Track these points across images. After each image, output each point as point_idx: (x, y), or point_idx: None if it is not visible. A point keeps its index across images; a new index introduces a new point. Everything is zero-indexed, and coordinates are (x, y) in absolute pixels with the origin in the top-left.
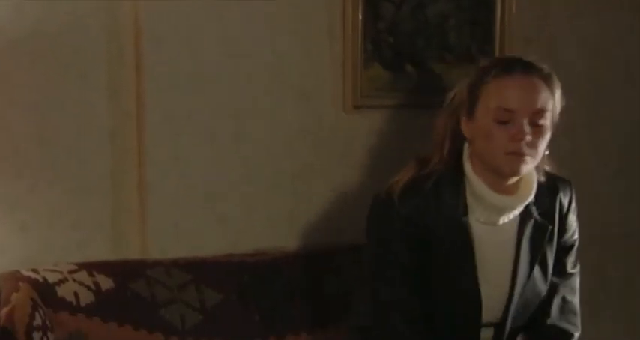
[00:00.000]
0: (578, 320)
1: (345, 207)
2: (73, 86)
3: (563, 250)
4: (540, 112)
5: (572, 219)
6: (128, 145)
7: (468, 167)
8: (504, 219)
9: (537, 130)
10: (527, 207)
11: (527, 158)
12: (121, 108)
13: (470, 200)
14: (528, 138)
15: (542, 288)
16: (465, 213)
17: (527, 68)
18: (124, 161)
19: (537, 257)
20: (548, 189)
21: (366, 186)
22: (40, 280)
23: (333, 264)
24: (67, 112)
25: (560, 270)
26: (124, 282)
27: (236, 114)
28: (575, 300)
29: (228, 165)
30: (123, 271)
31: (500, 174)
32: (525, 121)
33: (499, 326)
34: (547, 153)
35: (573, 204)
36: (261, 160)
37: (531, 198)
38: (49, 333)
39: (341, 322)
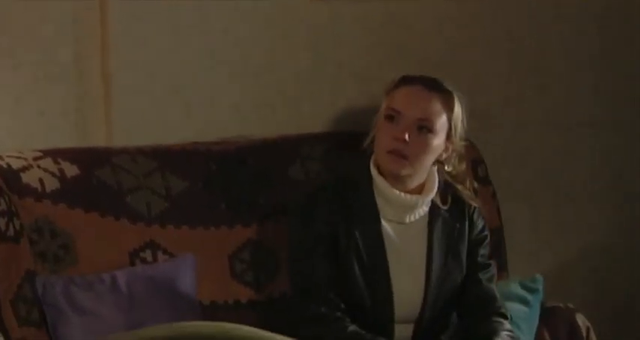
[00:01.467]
0: (499, 304)
1: (311, 96)
2: None
3: (475, 244)
4: (426, 121)
5: (479, 220)
6: (91, 33)
7: (373, 169)
8: (411, 218)
9: (421, 138)
10: (435, 208)
11: (404, 161)
12: None
13: (378, 200)
14: (407, 138)
15: (458, 282)
16: (376, 212)
17: (427, 83)
18: (87, 48)
19: (449, 251)
20: (456, 200)
21: (332, 74)
22: (4, 166)
23: (298, 153)
24: None
25: (475, 262)
26: (89, 169)
27: (200, 3)
28: (493, 286)
29: (193, 53)
30: (88, 158)
31: (386, 173)
32: (411, 126)
33: (418, 322)
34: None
35: (477, 210)
36: (226, 48)
37: (432, 195)
38: (14, 219)
39: None
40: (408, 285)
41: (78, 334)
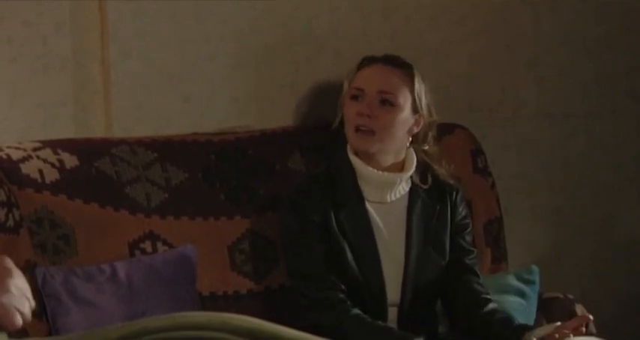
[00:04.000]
0: (485, 291)
1: (309, 86)
2: None
3: (458, 230)
4: (387, 94)
5: (462, 206)
6: (90, 23)
7: (350, 152)
8: (392, 197)
9: (386, 109)
10: (415, 189)
11: (372, 137)
12: None
13: (360, 182)
14: (371, 113)
15: (440, 267)
16: (359, 194)
17: (386, 60)
18: (86, 39)
19: (429, 234)
20: (437, 182)
21: (330, 65)
22: (4, 157)
23: (297, 143)
24: None
25: (459, 247)
26: (88, 160)
27: None
28: (478, 272)
29: (191, 44)
30: (87, 149)
31: (358, 153)
32: (374, 100)
33: (400, 307)
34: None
35: (460, 195)
36: (225, 39)
37: (410, 172)
38: (14, 210)
39: None
40: (390, 268)
41: (78, 325)
